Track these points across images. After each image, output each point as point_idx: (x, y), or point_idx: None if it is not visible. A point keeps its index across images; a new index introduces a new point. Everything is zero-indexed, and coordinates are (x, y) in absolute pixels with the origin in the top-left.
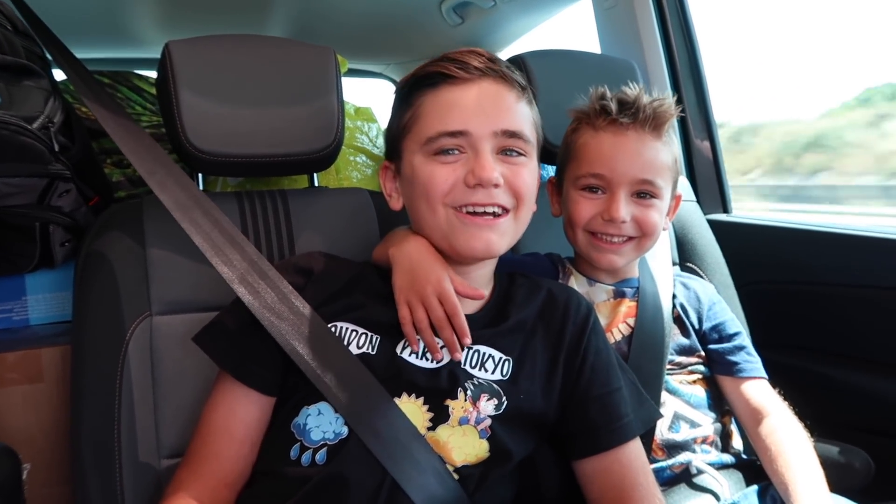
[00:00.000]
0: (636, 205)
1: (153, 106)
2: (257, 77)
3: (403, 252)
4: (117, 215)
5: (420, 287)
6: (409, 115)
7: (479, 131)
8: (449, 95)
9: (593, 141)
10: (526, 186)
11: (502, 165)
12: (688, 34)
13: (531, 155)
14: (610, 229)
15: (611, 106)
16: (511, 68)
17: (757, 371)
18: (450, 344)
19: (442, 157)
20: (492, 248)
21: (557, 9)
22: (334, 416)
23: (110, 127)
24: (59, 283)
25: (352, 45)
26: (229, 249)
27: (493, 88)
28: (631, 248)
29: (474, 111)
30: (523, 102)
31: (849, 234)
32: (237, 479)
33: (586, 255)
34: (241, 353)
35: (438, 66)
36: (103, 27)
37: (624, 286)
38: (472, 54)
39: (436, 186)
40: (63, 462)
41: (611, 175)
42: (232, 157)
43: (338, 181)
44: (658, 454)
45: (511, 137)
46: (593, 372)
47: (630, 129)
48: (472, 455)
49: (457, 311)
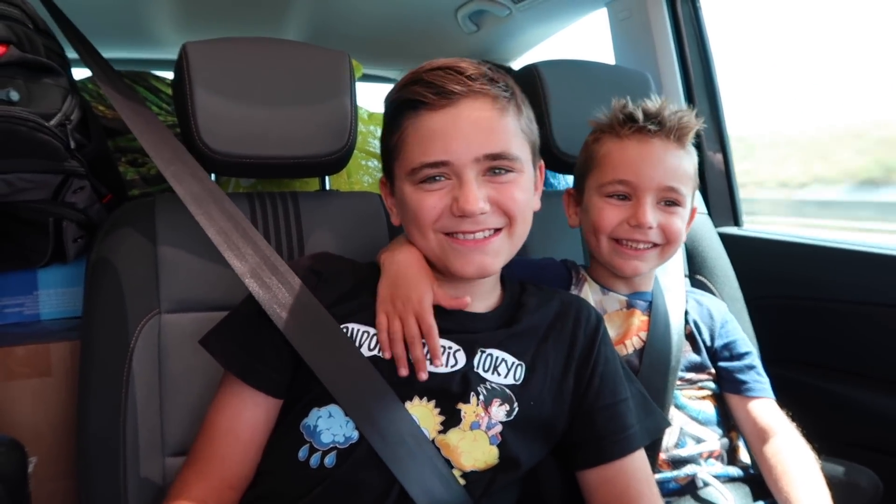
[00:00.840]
0: (661, 212)
1: (169, 106)
2: (272, 80)
3: (393, 261)
4: (130, 213)
5: (401, 302)
6: (395, 140)
7: (461, 159)
8: (429, 123)
9: (617, 148)
10: (517, 204)
11: (489, 187)
12: (702, 46)
13: (521, 169)
14: (636, 235)
15: (637, 114)
16: (493, 78)
17: (765, 392)
18: (416, 362)
19: (427, 186)
20: (485, 269)
21: (573, 19)
22: (345, 420)
23: (130, 119)
24: (71, 278)
25: (367, 50)
26: (242, 244)
27: (474, 112)
28: (655, 255)
29: (455, 139)
30: (509, 115)
31: (860, 251)
32: (242, 481)
33: (609, 262)
34: (248, 354)
35: (415, 92)
36: (122, 28)
37: (637, 298)
38: (449, 72)
39: (424, 215)
40: (69, 456)
41: (637, 181)
42: (245, 159)
43: (349, 185)
44: (664, 467)
45: (496, 159)
46: (602, 382)
47: (655, 137)
48: (482, 461)
49: (430, 333)
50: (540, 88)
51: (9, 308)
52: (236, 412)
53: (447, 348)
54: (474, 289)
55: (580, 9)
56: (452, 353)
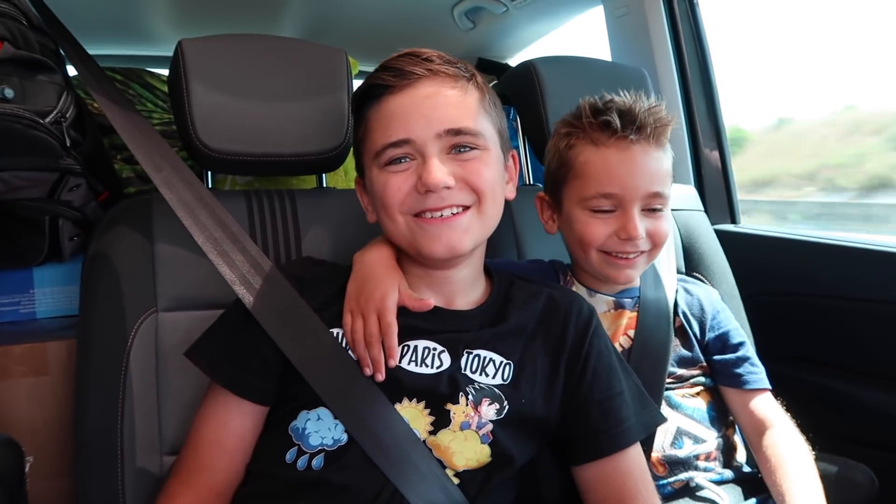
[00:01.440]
0: (648, 218)
1: (164, 103)
2: (269, 77)
3: (363, 259)
4: (126, 211)
5: (364, 300)
6: (362, 130)
7: (422, 136)
8: (390, 105)
9: (597, 158)
10: (483, 181)
11: (454, 164)
12: (699, 43)
13: (486, 147)
14: (627, 247)
15: (614, 120)
16: (452, 60)
17: (762, 382)
18: (374, 362)
19: (393, 167)
20: (454, 246)
21: (569, 16)
22: (333, 422)
23: (118, 122)
24: (67, 277)
25: (363, 47)
26: (232, 250)
27: (432, 89)
28: (644, 260)
29: (414, 116)
30: (469, 95)
31: (856, 247)
32: (228, 489)
33: (600, 272)
34: (233, 364)
35: (377, 77)
36: (117, 24)
37: (624, 297)
38: (409, 57)
39: (390, 196)
40: (65, 455)
41: (623, 193)
42: (241, 156)
43: (346, 182)
44: (659, 470)
45: (458, 135)
46: (595, 376)
47: (635, 144)
48: (474, 460)
49: (389, 331)
50: (537, 85)
51: (5, 307)
52: (222, 421)
53: (431, 350)
54: (454, 282)
55: (577, 6)
56: (437, 355)
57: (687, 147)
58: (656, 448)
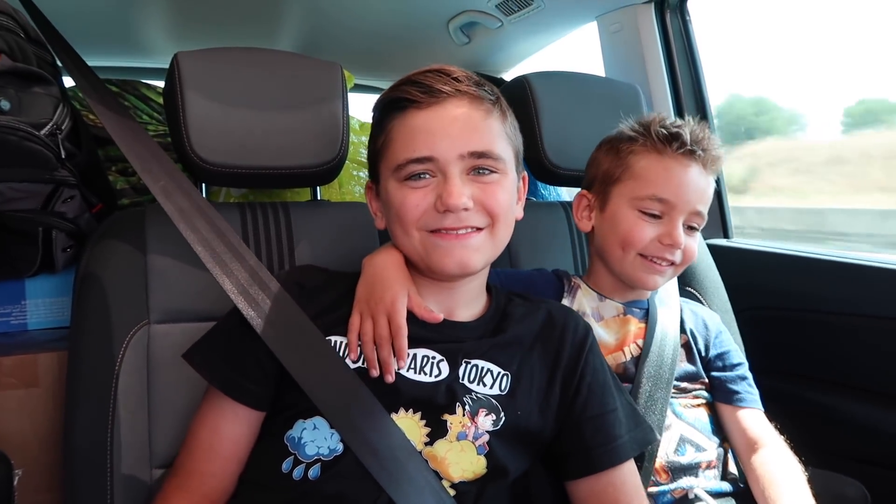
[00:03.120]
0: (686, 235)
1: (160, 115)
2: (264, 90)
3: (373, 263)
4: (120, 223)
5: (374, 302)
6: (382, 140)
7: (445, 155)
8: (415, 121)
9: (660, 165)
10: (499, 205)
11: (473, 186)
12: (692, 59)
13: (505, 171)
14: (666, 254)
15: (685, 135)
16: (480, 82)
17: (755, 403)
18: (384, 363)
19: (412, 183)
20: (466, 265)
21: (564, 32)
22: (329, 432)
23: (117, 133)
24: (59, 288)
25: (359, 61)
26: (231, 260)
27: (460, 109)
28: (671, 272)
29: (440, 135)
30: (493, 118)
31: (848, 263)
32: (222, 495)
33: (631, 274)
34: (231, 368)
35: (404, 91)
36: (114, 36)
37: (633, 306)
38: (437, 74)
39: (407, 212)
40: (55, 468)
41: (676, 201)
42: (236, 169)
43: (340, 195)
44: (662, 477)
45: (480, 157)
46: (590, 392)
47: (696, 162)
48: (470, 471)
49: (399, 333)
50: (531, 100)
51: None
52: (218, 426)
53: (430, 358)
54: (459, 294)
55: (571, 22)
56: (436, 364)
57: None
58: (660, 455)
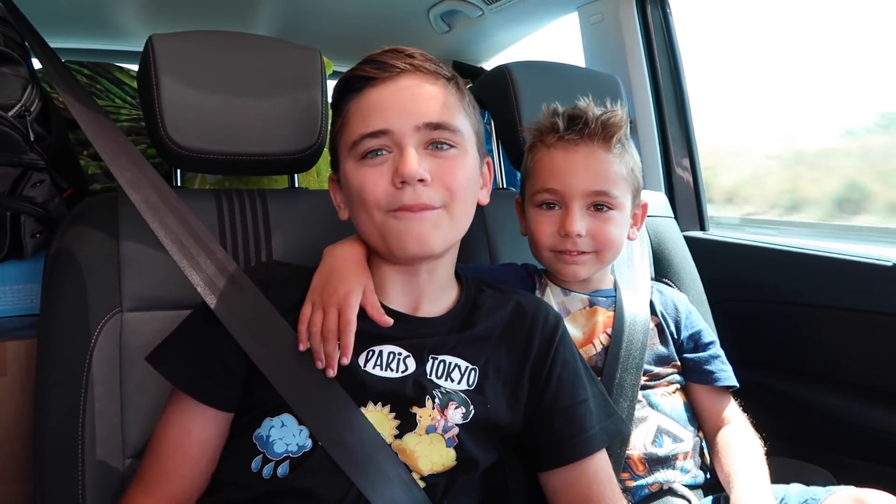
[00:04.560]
0: (592, 217)
1: (133, 99)
2: (241, 75)
3: (333, 254)
4: (92, 208)
5: (328, 294)
6: (340, 122)
7: (400, 128)
8: (370, 97)
9: (546, 157)
10: (457, 181)
11: (431, 160)
12: (672, 51)
13: (464, 147)
14: (567, 245)
15: (559, 123)
16: (435, 60)
17: (730, 380)
18: (327, 357)
19: (370, 161)
20: (425, 241)
21: (545, 21)
22: (298, 429)
23: (84, 121)
24: (28, 275)
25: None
26: (199, 254)
27: (414, 82)
28: (591, 260)
29: (394, 108)
30: (450, 93)
31: (821, 256)
32: (192, 496)
33: (552, 268)
34: (196, 370)
35: (359, 69)
36: (86, 18)
37: (598, 296)
38: (392, 52)
39: (367, 191)
40: (24, 458)
41: (563, 189)
42: (212, 155)
43: (318, 183)
44: (639, 468)
45: (436, 129)
46: (560, 384)
47: (580, 144)
48: (440, 464)
49: (347, 329)
50: (511, 89)
51: None
52: (185, 428)
53: (396, 355)
54: (424, 285)
55: (552, 12)
56: (402, 360)
57: (658, 154)
58: (637, 446)
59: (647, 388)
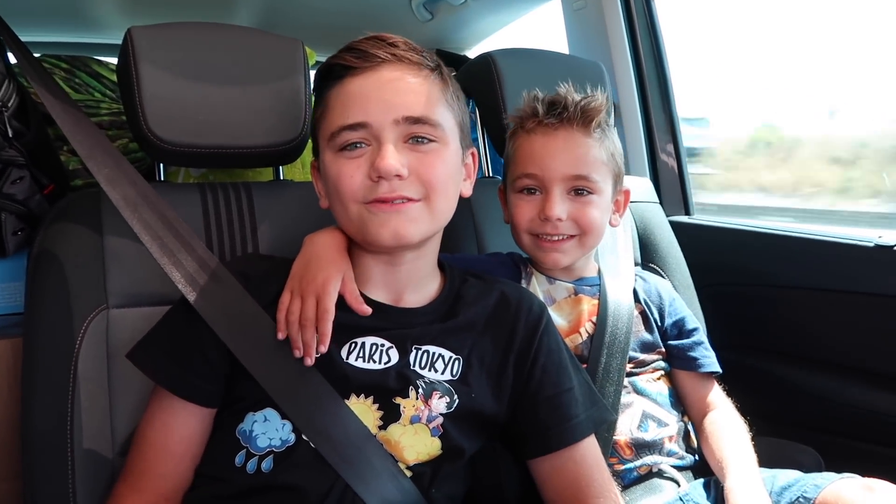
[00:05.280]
0: (573, 202)
1: (113, 93)
2: (223, 66)
3: (313, 241)
4: (74, 204)
5: (306, 281)
6: (320, 111)
7: (379, 121)
8: (350, 87)
9: (526, 143)
10: (436, 176)
11: (410, 154)
12: (654, 37)
13: (445, 140)
14: (547, 228)
15: (539, 108)
16: (418, 49)
17: (714, 366)
18: (305, 345)
19: (347, 153)
20: (401, 235)
21: (528, 8)
22: (280, 423)
23: (60, 117)
24: (11, 273)
25: (320, 37)
26: (178, 249)
27: (395, 74)
28: (573, 246)
29: (373, 100)
30: (432, 84)
31: (806, 238)
32: (177, 492)
33: (532, 255)
34: (177, 366)
35: (340, 58)
36: (63, 10)
37: (583, 284)
38: (374, 41)
39: (344, 183)
40: (12, 457)
41: (542, 173)
42: (195, 148)
43: (303, 175)
44: (626, 453)
45: (416, 124)
46: (544, 373)
47: (559, 129)
48: (425, 453)
49: (324, 317)
50: (495, 77)
51: None
52: (169, 425)
53: (379, 346)
54: (405, 275)
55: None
56: (385, 351)
57: (642, 140)
58: (624, 431)
59: (632, 375)
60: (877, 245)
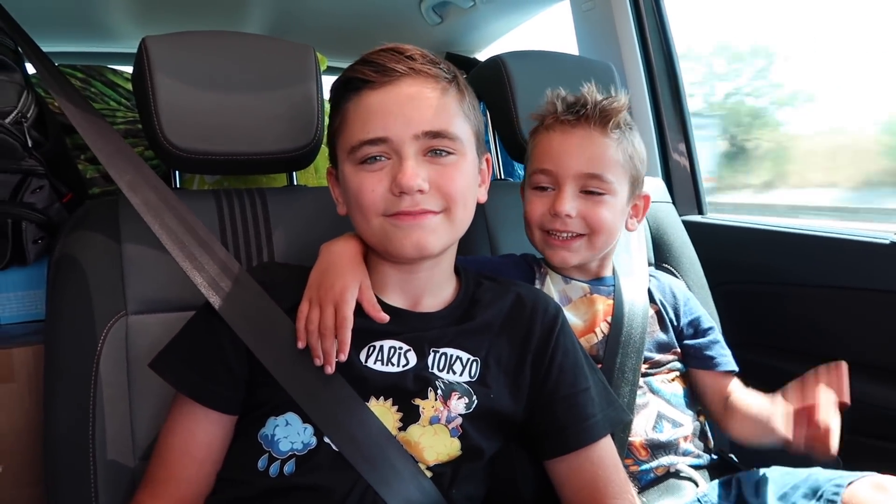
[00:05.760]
0: (584, 200)
1: (128, 101)
2: (236, 74)
3: (330, 250)
4: (92, 212)
5: (324, 290)
6: (338, 122)
7: (399, 136)
8: (368, 101)
9: (544, 139)
10: (456, 188)
11: (430, 168)
12: (664, 37)
13: (463, 152)
14: (557, 225)
15: (558, 105)
16: (435, 60)
17: (731, 364)
18: (325, 354)
19: (368, 166)
20: (423, 247)
21: (536, 10)
22: (302, 427)
23: (81, 126)
24: (32, 281)
25: (331, 42)
26: (201, 254)
27: (414, 88)
28: (582, 246)
29: (393, 115)
30: (450, 96)
31: (820, 236)
32: (199, 498)
33: (542, 252)
34: (199, 374)
35: (357, 71)
36: (78, 21)
37: (599, 284)
38: (391, 53)
39: (365, 197)
40: (35, 463)
41: (556, 170)
42: (209, 155)
43: (317, 180)
44: (641, 454)
45: (435, 138)
46: (561, 373)
47: (577, 127)
48: (444, 454)
49: (343, 325)
50: (506, 79)
51: None
52: (190, 432)
53: (397, 349)
54: (423, 282)
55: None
56: (403, 354)
57: (654, 140)
58: (639, 432)
59: (647, 376)
60: (892, 242)
